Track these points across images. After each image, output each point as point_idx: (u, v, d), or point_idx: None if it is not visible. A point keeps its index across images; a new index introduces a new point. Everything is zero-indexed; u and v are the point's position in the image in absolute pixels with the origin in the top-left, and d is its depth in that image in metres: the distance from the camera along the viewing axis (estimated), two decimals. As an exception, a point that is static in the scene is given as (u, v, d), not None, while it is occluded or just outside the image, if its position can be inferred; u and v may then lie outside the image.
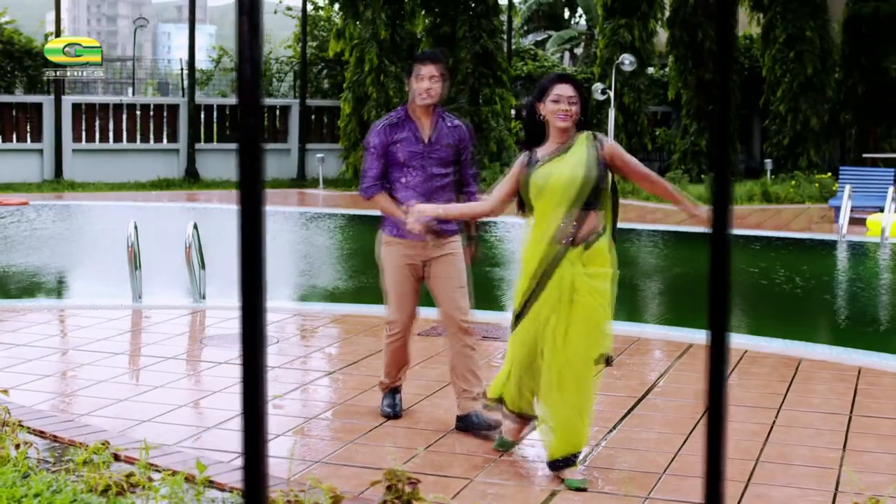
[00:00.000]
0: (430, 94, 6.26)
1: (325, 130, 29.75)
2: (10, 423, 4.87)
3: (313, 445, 6.10)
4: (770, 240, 17.34)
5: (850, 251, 16.48)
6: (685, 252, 16.52)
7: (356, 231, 18.41)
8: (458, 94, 27.26)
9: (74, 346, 8.51)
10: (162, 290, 12.10)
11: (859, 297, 13.30)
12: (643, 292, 13.47)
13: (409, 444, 6.05)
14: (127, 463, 4.80)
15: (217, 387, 7.34)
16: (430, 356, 8.27)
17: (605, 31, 28.33)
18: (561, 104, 5.43)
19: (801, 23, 28.47)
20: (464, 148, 6.48)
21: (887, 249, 16.13)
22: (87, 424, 5.76)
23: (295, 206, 22.26)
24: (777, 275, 14.39)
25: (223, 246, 10.15)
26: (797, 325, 10.78)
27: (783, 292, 13.22)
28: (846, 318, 11.83)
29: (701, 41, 28.84)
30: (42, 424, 5.31)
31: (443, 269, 6.38)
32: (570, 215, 5.40)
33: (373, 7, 24.83)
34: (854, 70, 29.98)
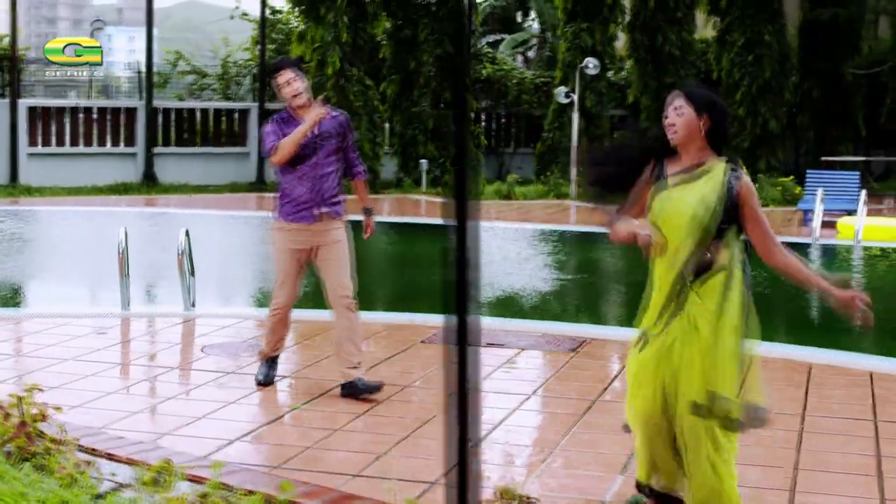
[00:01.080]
0: (296, 92, 7.07)
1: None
2: (66, 441, 4.67)
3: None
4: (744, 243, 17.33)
5: (825, 254, 16.58)
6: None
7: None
8: (420, 98, 27.13)
9: (74, 356, 8.28)
10: (138, 298, 11.89)
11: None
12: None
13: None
14: (193, 482, 4.62)
15: (232, 397, 7.18)
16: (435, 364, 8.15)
17: (567, 35, 28.33)
18: (668, 117, 4.95)
19: (759, 27, 28.67)
20: (346, 134, 7.26)
21: (860, 252, 16.27)
22: (122, 437, 5.58)
23: (254, 211, 21.93)
24: (761, 278, 14.40)
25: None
26: (799, 329, 10.80)
27: (770, 296, 13.24)
28: (839, 322, 11.84)
29: (661, 45, 28.94)
30: (93, 442, 5.10)
31: (329, 253, 7.13)
32: (695, 249, 4.84)
33: (335, 10, 24.59)
34: (810, 74, 30.31)
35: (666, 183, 4.98)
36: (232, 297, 12.89)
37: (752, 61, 28.59)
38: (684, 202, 4.86)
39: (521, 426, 6.78)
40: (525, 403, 7.22)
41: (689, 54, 29.43)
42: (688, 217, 4.83)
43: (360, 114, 25.13)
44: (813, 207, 19.45)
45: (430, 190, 25.90)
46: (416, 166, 26.91)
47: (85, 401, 6.89)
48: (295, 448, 6.04)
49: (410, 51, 27.26)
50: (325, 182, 7.12)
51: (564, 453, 6.15)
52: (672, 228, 4.87)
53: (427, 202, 24.06)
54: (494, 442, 6.34)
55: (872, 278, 14.86)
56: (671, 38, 28.82)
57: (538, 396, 7.50)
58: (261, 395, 7.30)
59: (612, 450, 6.17)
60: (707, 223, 4.82)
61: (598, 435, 6.49)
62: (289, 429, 6.63)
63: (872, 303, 4.83)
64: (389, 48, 27.57)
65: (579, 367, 8.19)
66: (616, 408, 6.57)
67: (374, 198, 24.66)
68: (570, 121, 27.82)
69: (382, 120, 26.55)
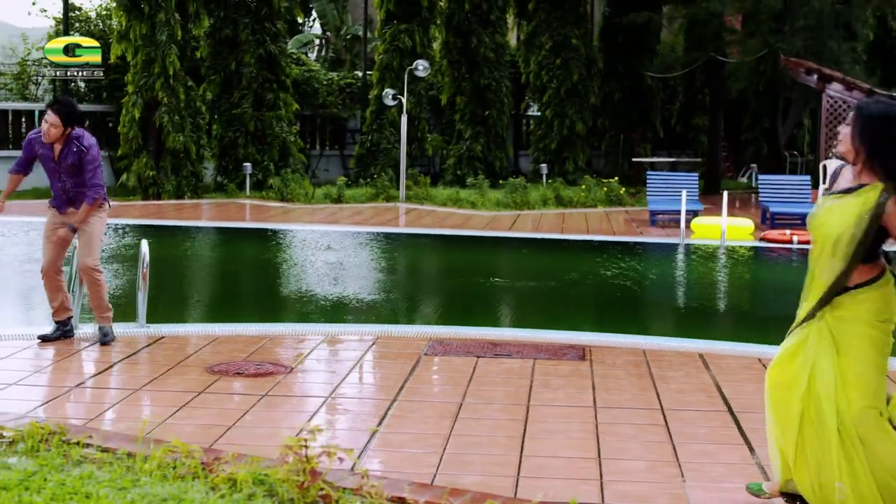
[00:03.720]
0: (49, 135, 8.67)
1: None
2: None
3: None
4: (607, 245, 17.69)
5: (699, 254, 17.11)
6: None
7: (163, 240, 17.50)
8: (241, 100, 26.38)
9: (112, 371, 7.57)
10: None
11: (766, 297, 13.83)
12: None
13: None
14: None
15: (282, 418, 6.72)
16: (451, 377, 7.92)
17: (385, 37, 28.20)
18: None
19: (566, 30, 29.41)
20: (87, 162, 8.74)
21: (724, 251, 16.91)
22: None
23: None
24: (665, 281, 14.80)
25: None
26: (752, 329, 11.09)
27: (694, 298, 13.63)
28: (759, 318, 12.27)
29: (475, 47, 29.22)
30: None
31: (82, 233, 8.89)
32: (837, 268, 4.82)
33: (165, 9, 23.55)
34: (611, 77, 31.34)
35: (829, 194, 5.01)
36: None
37: (560, 65, 29.26)
38: (829, 221, 4.89)
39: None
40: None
41: (502, 56, 29.83)
42: (832, 238, 4.84)
43: (183, 115, 24.21)
44: (661, 208, 20.13)
45: (254, 194, 25.24)
46: (236, 169, 26.16)
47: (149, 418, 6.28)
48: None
49: (230, 50, 26.47)
50: (74, 196, 9.01)
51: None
52: (820, 242, 4.92)
53: (253, 206, 23.42)
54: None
55: (773, 276, 15.42)
56: (486, 41, 29.13)
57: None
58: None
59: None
60: (847, 242, 4.79)
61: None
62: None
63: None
64: (208, 48, 26.69)
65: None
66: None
67: (198, 202, 23.88)
68: (388, 123, 27.79)
69: (206, 122, 25.64)
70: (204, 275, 15.23)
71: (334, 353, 9.06)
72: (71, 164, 8.76)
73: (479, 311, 12.03)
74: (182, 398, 7.21)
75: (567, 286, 13.96)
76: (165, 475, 4.45)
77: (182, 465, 4.56)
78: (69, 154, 8.72)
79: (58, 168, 8.80)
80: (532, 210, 23.09)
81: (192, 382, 7.69)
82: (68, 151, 8.72)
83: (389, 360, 8.56)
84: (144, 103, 23.83)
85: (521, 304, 12.90)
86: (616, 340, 9.38)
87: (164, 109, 23.80)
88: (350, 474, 4.61)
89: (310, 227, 19.35)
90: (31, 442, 4.87)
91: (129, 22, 23.64)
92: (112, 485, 4.19)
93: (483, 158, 29.22)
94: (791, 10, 26.89)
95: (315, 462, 4.21)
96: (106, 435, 5.43)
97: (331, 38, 46.08)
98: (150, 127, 24.40)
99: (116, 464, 4.66)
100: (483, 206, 23.07)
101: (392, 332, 9.58)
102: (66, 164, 8.76)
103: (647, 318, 12.25)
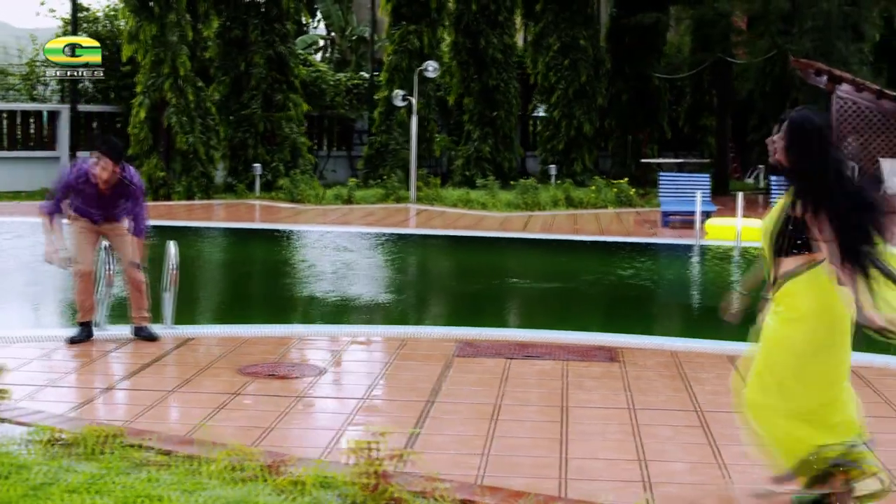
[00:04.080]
0: (102, 179, 8.69)
1: (95, 137, 28.04)
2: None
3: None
4: (623, 246, 17.70)
5: (716, 255, 17.10)
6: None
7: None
8: (251, 100, 26.38)
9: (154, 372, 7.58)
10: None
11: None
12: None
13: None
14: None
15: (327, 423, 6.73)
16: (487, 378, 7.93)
17: (394, 38, 28.19)
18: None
19: (574, 31, 29.42)
20: (135, 196, 8.99)
21: (738, 252, 16.91)
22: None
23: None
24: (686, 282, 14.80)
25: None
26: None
27: (717, 300, 13.56)
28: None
29: (484, 48, 29.23)
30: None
31: (119, 237, 9.08)
32: (772, 261, 5.23)
33: (177, 10, 23.55)
34: (618, 78, 31.34)
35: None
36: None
37: (568, 66, 29.26)
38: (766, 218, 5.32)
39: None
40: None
41: (510, 57, 29.85)
42: (763, 232, 5.29)
43: (193, 116, 24.23)
44: (674, 209, 20.13)
45: (264, 194, 25.24)
46: (246, 170, 26.18)
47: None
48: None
49: (240, 51, 26.47)
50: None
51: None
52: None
53: (263, 207, 23.43)
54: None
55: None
56: (494, 41, 29.14)
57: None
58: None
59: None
60: (769, 235, 5.21)
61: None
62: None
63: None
64: (217, 49, 26.69)
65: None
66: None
67: (209, 203, 23.89)
68: (397, 124, 27.80)
69: (216, 123, 25.64)
70: (221, 276, 15.24)
71: (364, 354, 9.07)
72: (114, 195, 8.93)
73: (504, 313, 12.05)
74: (217, 400, 7.21)
75: (588, 287, 13.96)
76: (230, 478, 4.46)
77: (246, 467, 4.56)
78: (116, 188, 8.88)
79: (100, 201, 8.90)
80: (543, 211, 23.10)
81: (226, 384, 7.69)
82: (116, 187, 8.87)
83: (420, 361, 8.56)
84: (152, 104, 23.83)
85: (545, 305, 12.90)
86: (645, 342, 9.39)
87: (172, 110, 23.80)
88: (417, 477, 4.61)
89: (324, 228, 19.36)
90: (91, 445, 4.88)
91: (138, 23, 23.62)
92: (179, 487, 4.20)
93: (491, 159, 29.24)
94: (799, 12, 26.88)
95: (383, 465, 4.21)
96: (164, 437, 5.43)
97: (336, 38, 46.08)
98: (159, 128, 24.40)
99: (178, 466, 4.66)
100: (494, 208, 23.08)
101: (419, 333, 9.59)
102: (109, 197, 8.90)
103: (672, 319, 12.24)
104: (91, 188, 8.79)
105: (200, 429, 6.22)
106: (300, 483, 4.37)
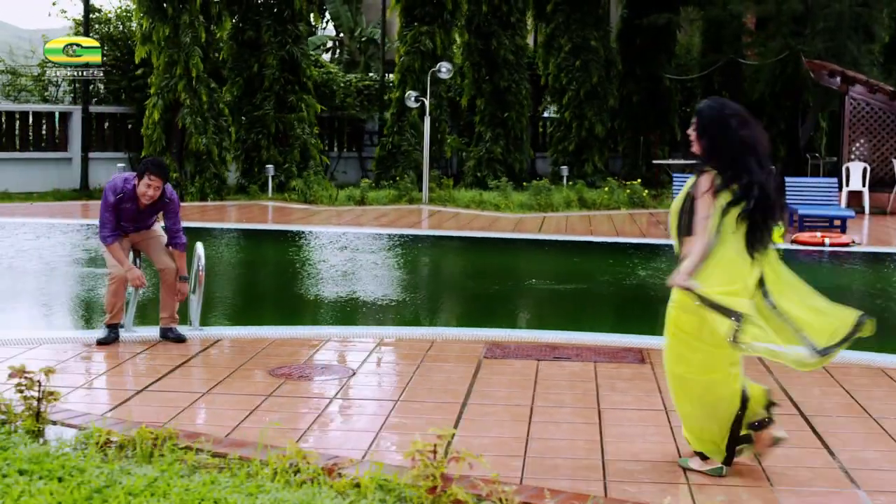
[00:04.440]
0: (148, 197, 8.95)
1: (106, 138, 28.09)
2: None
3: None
4: (640, 247, 17.66)
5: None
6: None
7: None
8: (263, 101, 26.38)
9: (179, 374, 7.58)
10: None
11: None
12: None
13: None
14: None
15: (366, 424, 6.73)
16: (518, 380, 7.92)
17: (406, 39, 28.18)
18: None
19: (585, 32, 29.42)
20: (171, 212, 9.27)
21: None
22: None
23: (80, 219, 20.75)
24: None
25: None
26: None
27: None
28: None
29: (496, 49, 29.24)
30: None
31: (154, 241, 9.39)
32: (678, 241, 5.78)
33: (189, 10, 23.57)
34: (629, 79, 31.34)
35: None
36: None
37: (580, 67, 29.26)
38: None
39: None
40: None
41: (522, 58, 29.85)
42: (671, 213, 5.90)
43: (206, 117, 24.24)
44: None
45: (276, 195, 25.24)
46: (259, 171, 26.19)
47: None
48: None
49: (252, 52, 26.48)
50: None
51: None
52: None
53: (277, 208, 23.43)
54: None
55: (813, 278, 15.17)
56: (506, 43, 29.14)
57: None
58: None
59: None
60: (674, 216, 5.82)
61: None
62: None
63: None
64: (230, 49, 26.70)
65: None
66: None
67: (222, 204, 23.89)
68: (409, 125, 27.80)
69: (228, 124, 25.65)
70: (241, 277, 15.22)
71: (392, 356, 9.06)
72: (150, 211, 9.26)
73: (528, 314, 12.04)
74: (252, 401, 7.21)
75: (609, 289, 13.93)
76: (288, 481, 4.45)
77: (303, 469, 4.55)
78: (154, 203, 9.15)
79: (137, 216, 9.19)
80: (556, 212, 23.08)
81: (258, 386, 7.69)
82: (154, 203, 9.14)
83: (450, 362, 8.56)
84: (165, 105, 23.84)
85: (567, 306, 12.87)
86: (673, 344, 9.35)
87: (186, 111, 23.80)
88: (478, 479, 4.59)
89: (340, 230, 19.34)
90: (145, 447, 4.87)
91: (151, 24, 23.63)
92: (238, 490, 4.18)
93: (503, 160, 29.23)
94: (812, 13, 26.87)
95: (445, 467, 4.20)
96: (217, 440, 5.42)
97: (344, 39, 46.11)
98: (173, 129, 24.42)
99: (234, 469, 4.66)
100: (507, 209, 23.06)
101: (446, 334, 9.58)
102: (145, 212, 9.21)
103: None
104: (132, 205, 9.05)
105: (254, 431, 6.22)
106: (358, 485, 4.36)
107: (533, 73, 31.15)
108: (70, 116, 27.18)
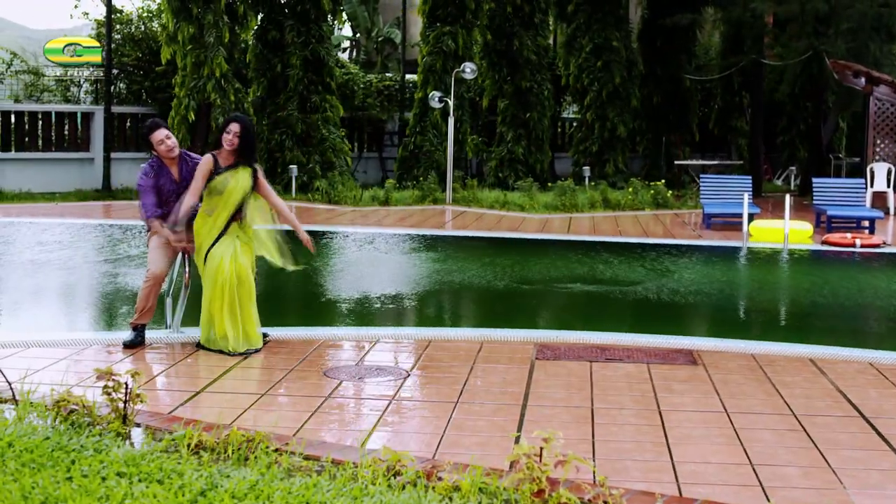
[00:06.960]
0: (171, 150, 9.12)
1: (128, 138, 28.16)
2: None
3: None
4: (669, 248, 17.64)
5: (765, 257, 17.05)
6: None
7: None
8: (287, 102, 26.42)
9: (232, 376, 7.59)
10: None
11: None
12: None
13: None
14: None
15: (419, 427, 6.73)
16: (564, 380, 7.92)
17: (429, 39, 28.18)
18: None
19: (606, 33, 29.39)
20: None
21: (787, 255, 16.86)
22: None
23: (103, 219, 20.78)
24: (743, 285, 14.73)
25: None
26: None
27: (781, 302, 13.57)
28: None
29: (518, 49, 29.23)
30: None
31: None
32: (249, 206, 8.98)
33: (214, 10, 23.61)
34: (649, 79, 31.30)
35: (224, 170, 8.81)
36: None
37: (601, 67, 29.23)
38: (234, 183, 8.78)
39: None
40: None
41: (544, 59, 29.84)
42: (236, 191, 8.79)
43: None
44: (717, 211, 20.10)
45: (300, 196, 25.27)
46: (282, 172, 26.23)
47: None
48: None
49: (276, 53, 26.52)
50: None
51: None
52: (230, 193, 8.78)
53: (301, 209, 23.45)
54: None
55: (847, 279, 15.17)
56: (527, 43, 29.13)
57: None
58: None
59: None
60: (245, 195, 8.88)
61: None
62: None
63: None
64: (255, 50, 26.74)
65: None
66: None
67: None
68: (431, 125, 27.79)
69: (254, 123, 25.70)
70: (277, 278, 15.23)
71: (445, 357, 9.05)
72: (187, 174, 9.13)
73: (573, 315, 12.02)
74: (311, 403, 7.22)
75: (647, 290, 13.88)
76: (390, 484, 4.45)
77: (403, 472, 4.56)
78: (186, 172, 9.12)
79: (178, 189, 9.10)
80: (581, 213, 23.07)
81: (315, 387, 7.70)
82: (185, 169, 9.13)
83: (503, 364, 8.56)
84: (197, 106, 23.89)
85: (609, 307, 12.85)
86: (722, 345, 9.37)
87: (218, 111, 23.83)
88: (583, 483, 4.59)
89: (367, 230, 19.37)
90: (240, 451, 4.87)
91: (176, 24, 23.68)
92: (342, 494, 4.18)
93: (524, 161, 29.23)
94: (835, 13, 26.80)
95: (550, 470, 4.20)
96: (309, 442, 5.42)
97: (361, 40, 46.15)
98: (198, 129, 24.45)
99: (332, 472, 4.65)
100: (531, 209, 23.06)
101: (495, 336, 9.59)
102: (185, 184, 9.05)
103: (743, 322, 12.13)
104: (167, 180, 9.09)
105: (319, 432, 6.23)
106: (458, 489, 4.36)
107: (553, 73, 31.12)
108: (92, 117, 27.26)
